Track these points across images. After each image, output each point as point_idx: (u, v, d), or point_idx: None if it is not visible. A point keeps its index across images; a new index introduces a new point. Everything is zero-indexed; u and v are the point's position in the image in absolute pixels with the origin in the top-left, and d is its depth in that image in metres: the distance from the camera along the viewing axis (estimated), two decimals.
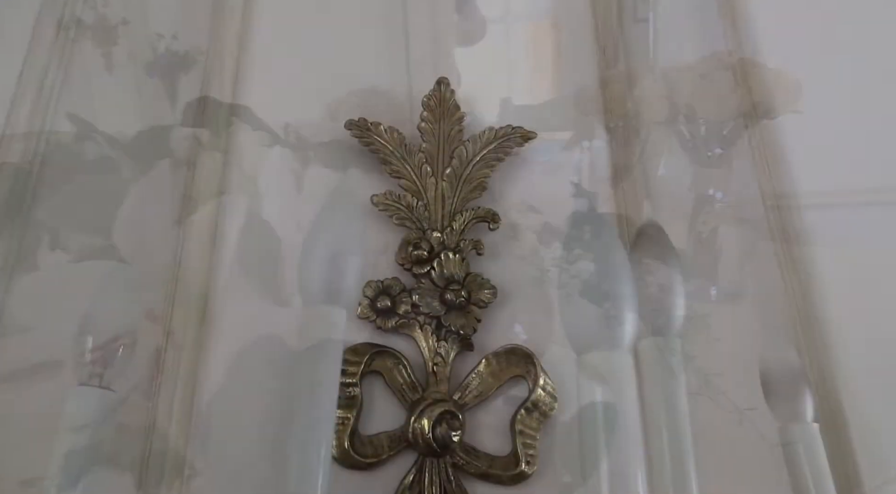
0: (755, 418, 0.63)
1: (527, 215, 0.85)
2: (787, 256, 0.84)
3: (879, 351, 0.81)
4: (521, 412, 0.74)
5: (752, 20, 0.97)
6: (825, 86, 0.95)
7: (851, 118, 0.96)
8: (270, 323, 0.71)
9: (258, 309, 0.73)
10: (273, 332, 0.70)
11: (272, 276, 0.74)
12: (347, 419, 0.70)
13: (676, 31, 0.99)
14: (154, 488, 0.64)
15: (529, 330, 0.79)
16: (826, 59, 0.97)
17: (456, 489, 0.71)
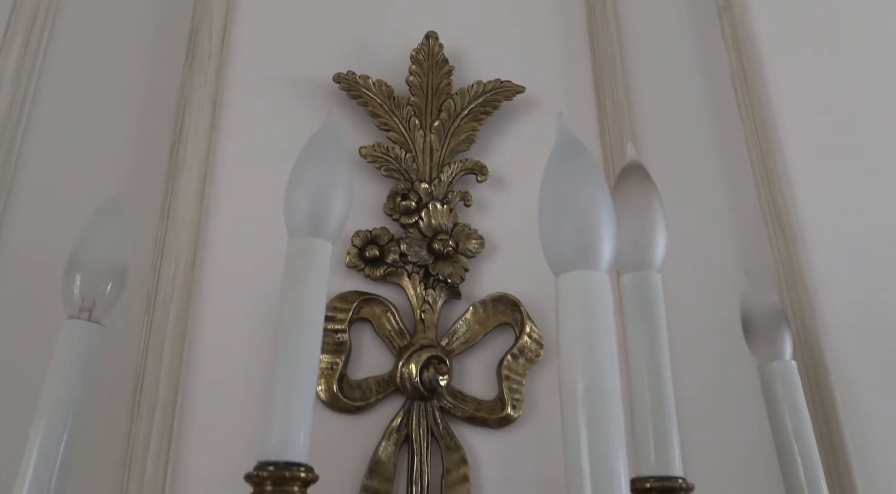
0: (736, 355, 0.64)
1: (515, 168, 0.86)
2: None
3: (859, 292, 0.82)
4: (507, 358, 0.76)
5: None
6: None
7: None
8: (259, 264, 0.72)
9: (248, 251, 0.74)
10: (262, 273, 0.70)
11: (260, 221, 0.75)
12: (336, 364, 0.72)
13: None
14: (146, 427, 0.65)
15: (516, 279, 0.80)
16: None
17: (443, 431, 0.72)
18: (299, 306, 0.48)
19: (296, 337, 0.47)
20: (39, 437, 0.48)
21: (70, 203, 0.70)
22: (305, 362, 0.46)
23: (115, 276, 0.56)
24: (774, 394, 0.61)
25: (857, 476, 0.68)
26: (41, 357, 0.55)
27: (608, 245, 0.42)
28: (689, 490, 0.49)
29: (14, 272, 0.68)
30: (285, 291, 0.49)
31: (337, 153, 0.53)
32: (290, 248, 0.50)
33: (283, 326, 0.48)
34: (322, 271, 0.49)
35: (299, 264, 0.49)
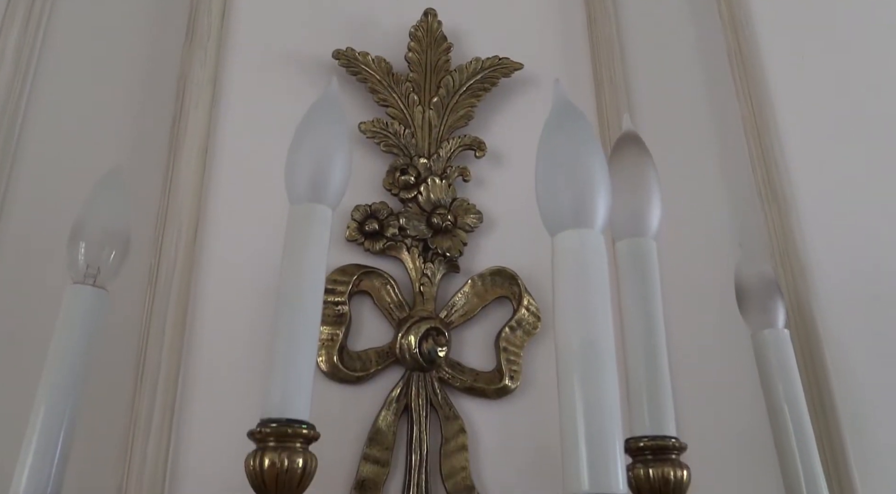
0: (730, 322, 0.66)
1: (513, 144, 0.87)
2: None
3: (851, 264, 0.83)
4: (505, 330, 0.77)
5: None
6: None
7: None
8: (260, 237, 0.73)
9: (248, 225, 0.75)
10: (263, 246, 0.71)
11: (260, 195, 0.76)
12: (336, 335, 0.73)
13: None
14: (149, 396, 0.66)
15: (514, 254, 0.81)
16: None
17: (442, 401, 0.73)
18: (300, 268, 0.48)
19: (297, 298, 0.48)
20: (46, 396, 0.49)
21: (72, 176, 0.71)
22: (307, 322, 0.47)
23: (119, 243, 0.56)
24: (767, 361, 0.62)
25: (847, 439, 0.69)
26: (47, 322, 0.56)
27: (603, 205, 0.43)
28: (681, 449, 0.50)
29: (19, 241, 0.68)
30: (286, 255, 0.50)
31: (337, 121, 0.53)
32: (292, 214, 0.51)
33: (284, 288, 0.48)
34: (322, 235, 0.50)
35: (300, 229, 0.50)
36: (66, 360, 0.51)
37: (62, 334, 0.52)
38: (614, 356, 0.41)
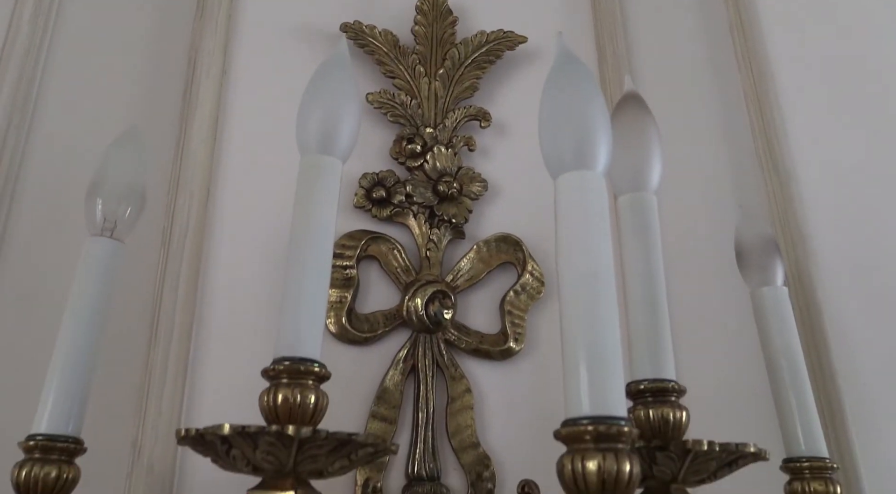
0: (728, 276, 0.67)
1: (517, 115, 0.88)
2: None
3: (849, 231, 0.85)
4: (509, 294, 0.78)
5: None
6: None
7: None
8: (270, 200, 0.75)
9: (258, 189, 0.77)
10: (272, 209, 0.73)
11: (270, 161, 0.77)
12: (345, 297, 0.74)
13: None
14: (163, 352, 0.68)
15: (518, 221, 0.82)
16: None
17: (448, 362, 0.75)
18: (311, 216, 0.50)
19: (307, 243, 0.49)
20: (68, 337, 0.51)
21: (87, 139, 0.73)
22: (317, 266, 0.49)
23: (134, 199, 0.58)
24: (765, 317, 0.64)
25: (842, 389, 0.70)
26: (66, 273, 0.58)
27: (604, 148, 0.45)
28: (681, 391, 0.52)
29: (37, 198, 0.70)
30: (298, 204, 0.51)
31: (346, 77, 0.55)
32: (302, 165, 0.53)
33: (295, 234, 0.50)
34: (333, 186, 0.52)
35: (311, 179, 0.52)
36: (86, 306, 0.53)
37: (82, 282, 0.54)
38: (614, 288, 0.42)
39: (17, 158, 0.71)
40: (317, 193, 0.51)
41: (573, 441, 0.38)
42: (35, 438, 0.49)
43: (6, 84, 0.72)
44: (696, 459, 0.47)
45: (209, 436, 0.43)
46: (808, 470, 0.58)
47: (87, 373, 0.52)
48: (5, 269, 0.67)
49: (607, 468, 0.37)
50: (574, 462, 0.37)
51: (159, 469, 0.65)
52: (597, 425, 0.37)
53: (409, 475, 0.70)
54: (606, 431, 0.37)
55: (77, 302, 0.53)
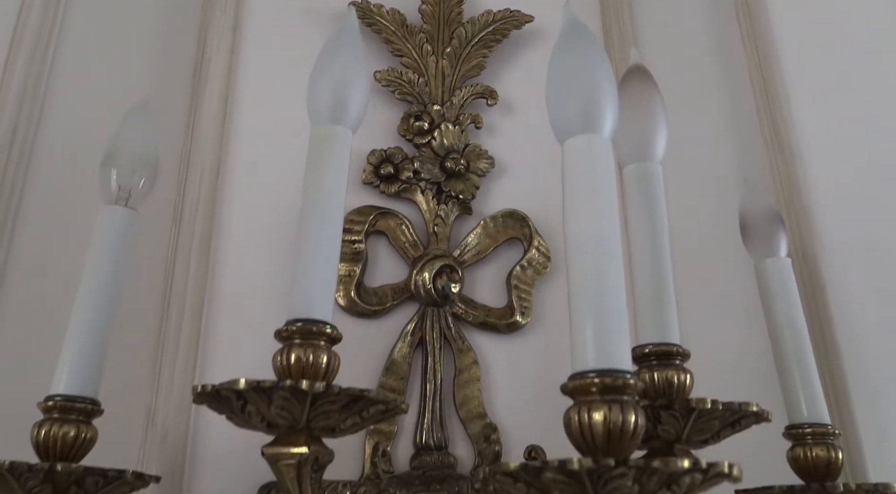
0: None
1: (523, 94, 0.89)
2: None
3: (852, 209, 0.85)
4: (516, 269, 0.79)
5: None
6: None
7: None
8: (279, 171, 0.76)
9: (267, 165, 0.78)
10: (282, 184, 0.74)
11: (279, 138, 0.78)
12: (354, 271, 0.75)
13: None
14: (176, 321, 0.69)
15: (525, 197, 0.83)
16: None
17: (455, 335, 0.76)
18: (322, 183, 0.51)
19: (319, 209, 0.50)
20: (86, 300, 0.53)
21: (100, 114, 0.73)
22: (328, 231, 0.50)
23: (148, 168, 0.59)
24: (769, 287, 0.64)
25: (844, 360, 0.71)
26: (80, 242, 0.59)
27: (610, 112, 0.46)
28: (685, 355, 0.53)
29: (52, 169, 0.72)
30: (308, 172, 0.52)
31: (356, 48, 0.56)
32: (313, 134, 0.54)
33: (306, 201, 0.51)
34: (343, 154, 0.53)
35: (322, 147, 0.53)
36: (102, 271, 0.54)
37: (98, 249, 0.55)
38: (620, 249, 0.43)
39: (31, 131, 0.72)
40: (327, 161, 0.52)
41: (580, 393, 0.39)
42: (54, 398, 0.51)
43: (20, 61, 0.74)
44: (700, 418, 0.48)
45: (225, 392, 0.44)
46: (810, 436, 0.59)
47: (103, 337, 0.53)
48: (23, 238, 0.69)
49: (613, 418, 0.38)
50: (580, 414, 0.38)
51: (173, 436, 0.66)
52: (602, 377, 0.38)
53: (417, 444, 0.71)
54: (612, 383, 0.38)
55: (93, 267, 0.54)
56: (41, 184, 0.71)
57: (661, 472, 0.34)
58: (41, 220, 0.70)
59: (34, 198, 0.70)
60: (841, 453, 0.59)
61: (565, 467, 0.34)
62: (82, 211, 0.67)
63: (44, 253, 0.69)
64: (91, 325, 0.52)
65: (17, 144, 0.70)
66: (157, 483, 0.54)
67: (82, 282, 0.54)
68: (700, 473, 0.34)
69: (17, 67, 0.73)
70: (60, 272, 0.67)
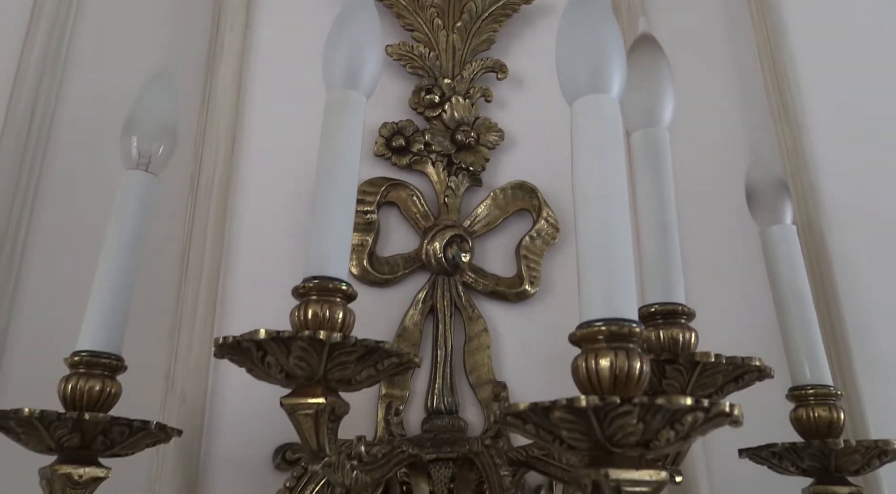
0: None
1: (533, 68, 0.90)
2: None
3: (858, 181, 0.86)
4: (525, 239, 0.81)
5: None
6: None
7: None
8: (294, 136, 0.77)
9: (281, 138, 0.79)
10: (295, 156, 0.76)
11: (292, 111, 0.80)
12: (366, 241, 0.77)
13: None
14: (193, 289, 0.71)
15: (534, 170, 0.84)
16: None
17: (465, 303, 0.77)
18: (336, 146, 0.52)
19: (334, 170, 0.52)
20: (109, 259, 0.54)
21: (117, 86, 0.75)
22: (343, 192, 0.51)
23: (167, 136, 0.61)
24: (774, 253, 0.65)
25: (848, 323, 0.72)
26: (101, 206, 0.61)
27: (618, 73, 0.47)
28: (690, 315, 0.54)
29: (72, 136, 0.74)
30: (324, 136, 0.54)
31: (369, 14, 0.57)
32: (329, 100, 0.55)
33: (322, 162, 0.52)
34: (357, 118, 0.54)
35: (336, 111, 0.54)
36: (125, 233, 0.56)
37: (120, 211, 0.57)
38: (627, 203, 0.44)
39: (51, 101, 0.74)
40: (342, 124, 0.53)
41: (587, 341, 0.40)
42: (80, 354, 0.53)
43: (40, 33, 0.75)
44: (704, 372, 0.49)
45: (245, 343, 0.45)
46: (812, 397, 0.61)
47: (126, 296, 0.55)
48: (45, 202, 0.71)
49: (619, 364, 0.39)
50: (588, 361, 0.40)
51: (191, 399, 0.68)
52: (609, 325, 0.40)
53: (428, 408, 0.73)
54: (618, 331, 0.40)
55: (116, 228, 0.56)
56: (62, 150, 0.73)
57: (666, 409, 0.35)
58: (64, 185, 0.72)
59: (56, 164, 0.72)
60: (842, 413, 0.60)
61: (573, 405, 0.35)
62: (103, 176, 0.69)
63: (67, 216, 0.71)
64: (114, 284, 0.54)
65: (39, 112, 0.72)
66: (178, 436, 0.56)
67: (105, 243, 0.56)
68: (702, 411, 0.36)
69: (37, 39, 0.75)
70: (83, 235, 0.69)
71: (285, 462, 0.68)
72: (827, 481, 0.59)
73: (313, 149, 0.54)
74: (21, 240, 0.68)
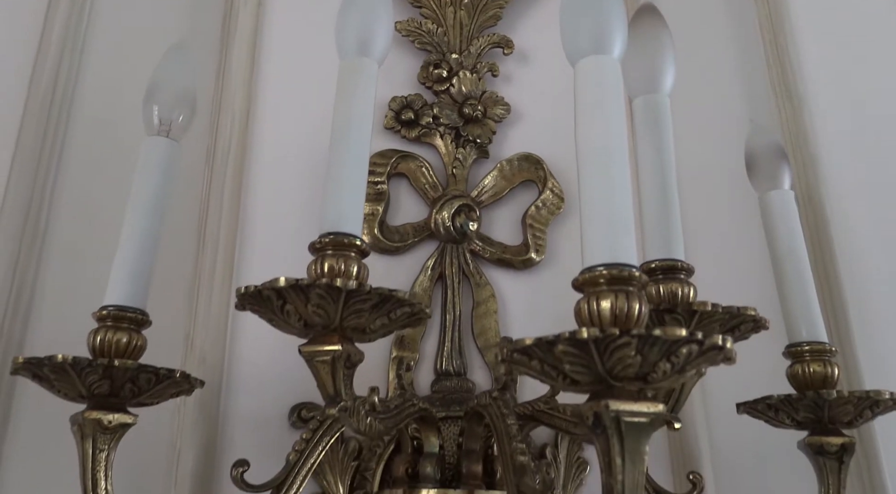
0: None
1: (538, 44, 0.92)
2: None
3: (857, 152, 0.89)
4: (531, 209, 0.83)
5: None
6: None
7: None
8: (306, 109, 0.80)
9: (295, 99, 0.82)
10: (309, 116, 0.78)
11: (305, 86, 0.82)
12: (377, 210, 0.79)
13: None
14: (211, 252, 0.74)
15: (539, 142, 0.87)
16: None
17: (473, 270, 0.80)
18: (350, 108, 0.55)
19: (347, 133, 0.54)
20: (133, 222, 0.57)
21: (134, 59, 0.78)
22: (356, 154, 0.54)
23: (186, 104, 0.63)
24: (772, 218, 0.68)
25: (845, 285, 0.75)
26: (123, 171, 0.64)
27: (619, 35, 0.49)
28: (689, 270, 0.56)
29: (92, 106, 0.77)
30: (338, 102, 0.56)
31: None
32: (342, 67, 0.58)
33: (336, 126, 0.55)
34: (370, 84, 0.56)
35: (349, 78, 0.56)
36: (148, 194, 0.58)
37: (143, 174, 0.59)
38: (627, 158, 0.46)
39: (73, 71, 0.77)
40: (355, 90, 0.56)
41: (589, 285, 0.43)
42: (107, 308, 0.55)
43: (62, 6, 0.78)
44: (702, 321, 0.52)
45: (266, 292, 0.48)
46: (808, 354, 0.63)
47: (150, 254, 0.58)
48: (69, 167, 0.74)
49: (619, 305, 0.41)
50: (589, 303, 0.42)
51: (210, 360, 0.71)
52: (610, 270, 0.42)
53: (437, 370, 0.75)
54: (619, 274, 0.42)
55: (140, 191, 0.58)
56: (84, 119, 0.76)
57: (663, 341, 0.37)
58: (87, 151, 0.75)
59: (79, 133, 0.75)
60: (837, 368, 0.62)
61: (575, 337, 0.38)
62: (124, 142, 0.72)
63: (91, 181, 0.74)
64: (139, 242, 0.57)
65: (62, 80, 0.75)
66: (200, 387, 0.59)
67: (129, 204, 0.58)
68: (696, 344, 0.38)
69: (59, 12, 0.78)
70: (106, 198, 0.72)
71: (300, 420, 0.70)
72: (821, 432, 0.61)
73: (325, 119, 0.57)
74: (47, 202, 0.71)
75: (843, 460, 0.60)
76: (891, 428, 0.74)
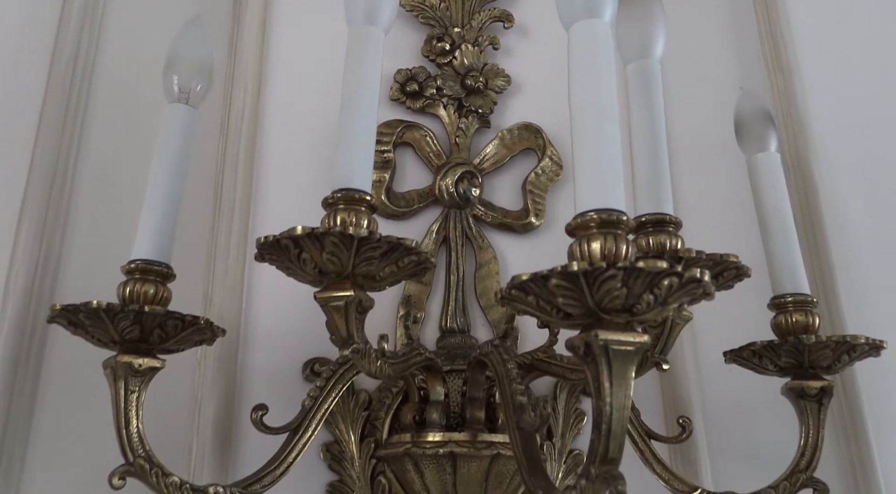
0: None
1: (538, 19, 0.95)
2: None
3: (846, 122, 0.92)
4: (531, 175, 0.87)
5: None
6: None
7: None
8: (315, 82, 0.84)
9: (304, 72, 0.86)
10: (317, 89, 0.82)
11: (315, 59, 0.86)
12: (383, 178, 0.83)
13: None
14: (227, 217, 0.78)
15: (538, 112, 0.90)
16: None
17: (476, 234, 0.84)
18: (359, 73, 0.59)
19: (357, 96, 0.58)
20: (157, 184, 0.61)
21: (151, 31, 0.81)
22: (365, 115, 0.58)
23: (204, 74, 0.67)
24: (759, 179, 0.71)
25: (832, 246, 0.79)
26: (144, 136, 0.68)
27: (610, 1, 0.52)
28: (677, 224, 0.60)
29: (112, 75, 0.81)
30: (347, 67, 0.60)
31: None
32: (350, 35, 0.61)
33: (346, 90, 0.59)
34: (377, 51, 0.60)
35: (358, 45, 0.60)
36: (170, 155, 0.62)
37: (165, 137, 0.63)
38: (617, 115, 0.50)
39: (93, 42, 0.80)
40: (363, 56, 0.59)
41: (580, 229, 0.47)
42: (135, 262, 0.59)
43: None
44: (687, 267, 0.55)
45: (284, 241, 0.52)
46: (791, 305, 0.67)
47: (174, 213, 0.62)
48: (91, 134, 0.78)
49: (608, 246, 0.45)
50: (581, 245, 0.46)
51: (227, 318, 0.75)
52: (600, 214, 0.46)
53: (442, 328, 0.80)
54: (608, 218, 0.46)
55: (162, 155, 0.62)
56: (104, 88, 0.80)
57: (646, 273, 0.41)
58: (109, 120, 0.79)
59: (100, 101, 0.79)
60: (818, 318, 0.66)
61: (566, 271, 0.42)
62: (140, 110, 0.76)
63: (112, 147, 0.78)
64: (163, 200, 0.61)
65: (82, 53, 0.79)
66: (223, 335, 0.63)
67: (152, 166, 0.62)
68: (677, 277, 0.42)
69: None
70: (129, 162, 0.76)
71: (313, 374, 0.75)
72: (802, 377, 0.65)
73: (332, 88, 0.61)
74: (72, 165, 0.75)
75: (822, 402, 0.64)
76: (871, 376, 0.78)
